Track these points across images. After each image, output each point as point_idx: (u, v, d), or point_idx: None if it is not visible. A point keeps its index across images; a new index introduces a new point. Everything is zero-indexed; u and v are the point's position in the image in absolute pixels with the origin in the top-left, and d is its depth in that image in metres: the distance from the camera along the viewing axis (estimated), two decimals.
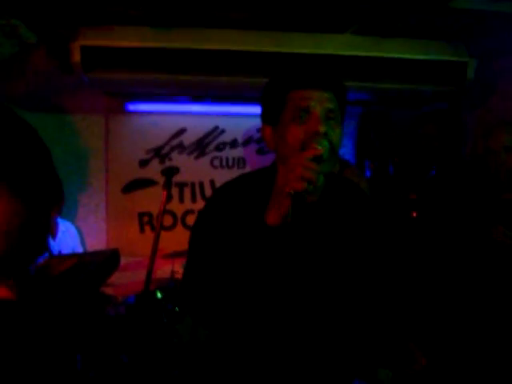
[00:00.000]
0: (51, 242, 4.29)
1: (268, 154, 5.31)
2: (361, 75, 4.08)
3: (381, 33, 3.99)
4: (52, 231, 4.38)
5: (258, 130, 5.08)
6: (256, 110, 2.07)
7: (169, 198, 5.27)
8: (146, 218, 5.33)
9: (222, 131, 5.42)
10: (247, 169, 5.38)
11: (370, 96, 4.63)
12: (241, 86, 4.10)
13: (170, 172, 3.94)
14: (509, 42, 3.88)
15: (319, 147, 1.70)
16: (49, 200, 1.13)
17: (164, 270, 4.74)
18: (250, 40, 3.92)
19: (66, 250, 4.31)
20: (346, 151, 5.46)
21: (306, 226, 1.90)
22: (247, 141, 5.43)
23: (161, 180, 5.04)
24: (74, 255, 3.42)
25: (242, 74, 3.95)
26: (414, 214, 4.26)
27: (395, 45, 4.06)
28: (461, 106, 4.67)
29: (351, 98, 4.99)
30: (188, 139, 5.37)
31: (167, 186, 3.84)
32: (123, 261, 4.77)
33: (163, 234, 5.24)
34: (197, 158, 5.40)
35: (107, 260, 3.17)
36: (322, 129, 1.79)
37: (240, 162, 5.47)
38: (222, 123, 5.40)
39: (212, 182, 5.40)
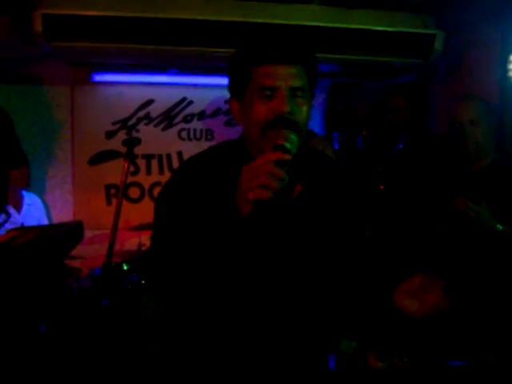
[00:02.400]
0: (16, 214, 4.23)
1: (236, 125, 5.25)
2: (328, 47, 4.05)
3: (348, 3, 3.96)
4: (17, 204, 4.32)
5: (226, 102, 5.03)
6: (224, 81, 1.98)
7: (136, 169, 5.30)
8: (112, 190, 5.28)
9: (190, 102, 5.37)
10: (215, 141, 5.34)
11: (338, 68, 4.61)
12: (207, 57, 4.05)
13: (131, 143, 3.89)
14: (477, 14, 3.88)
15: (287, 145, 1.60)
16: (4, 160, 1.10)
17: (131, 242, 4.72)
18: (217, 9, 3.87)
19: (31, 223, 4.25)
20: (315, 123, 5.43)
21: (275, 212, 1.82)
22: (215, 112, 5.39)
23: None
24: (37, 227, 3.38)
25: (209, 44, 3.91)
26: (381, 187, 4.27)
27: (363, 16, 4.04)
28: (428, 79, 4.66)
29: (320, 70, 4.96)
30: (155, 110, 5.32)
31: (129, 157, 3.78)
32: (90, 233, 4.78)
33: (130, 206, 5.25)
34: (164, 129, 5.35)
35: (70, 232, 3.14)
36: (286, 108, 1.70)
37: (208, 133, 5.44)
38: (189, 94, 5.35)
39: (179, 154, 5.36)
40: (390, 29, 4.03)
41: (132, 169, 5.20)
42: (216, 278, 1.69)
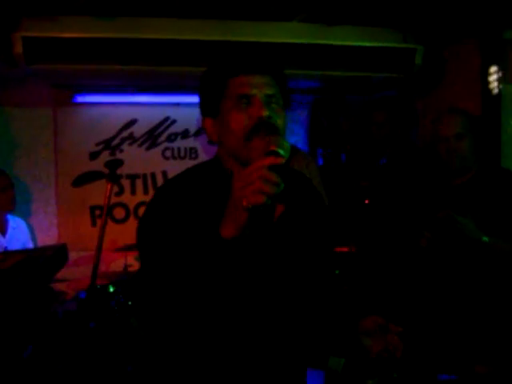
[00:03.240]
0: (1, 238, 4.20)
1: None
2: (310, 63, 4.07)
3: (329, 20, 3.98)
4: (2, 227, 4.29)
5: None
6: None
7: (120, 190, 5.28)
8: (97, 212, 5.25)
9: (173, 121, 5.37)
10: (199, 159, 5.34)
11: (319, 84, 4.63)
12: (189, 76, 4.03)
13: (113, 164, 3.87)
14: (456, 28, 3.91)
15: (280, 151, 1.56)
16: None
17: (117, 263, 4.69)
18: (198, 28, 3.88)
19: (16, 246, 4.23)
20: (298, 139, 5.45)
21: (264, 235, 1.83)
22: (199, 131, 5.37)
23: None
24: (21, 251, 3.35)
25: (190, 63, 3.91)
26: (367, 201, 4.27)
27: (343, 32, 4.06)
28: (411, 93, 4.69)
29: (301, 86, 4.98)
30: (139, 130, 5.31)
31: (111, 178, 3.76)
32: (75, 255, 4.75)
33: (115, 226, 5.22)
34: (148, 149, 5.34)
35: (55, 255, 3.11)
36: (265, 113, 1.73)
37: (192, 152, 5.43)
38: (172, 113, 5.34)
39: (164, 174, 5.35)
40: (370, 44, 4.06)
41: (116, 189, 5.20)
42: (204, 296, 1.66)
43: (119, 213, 5.30)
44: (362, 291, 3.90)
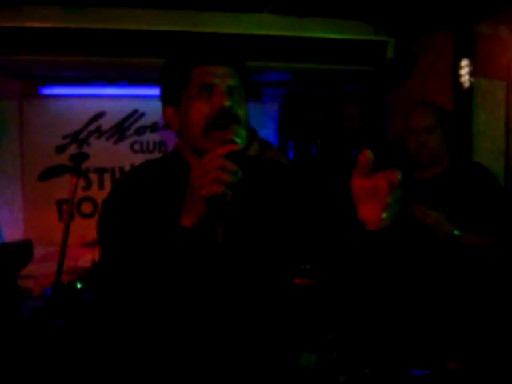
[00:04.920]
0: None
1: None
2: (280, 56, 4.03)
3: (300, 12, 3.94)
4: None
5: None
6: None
7: (88, 184, 5.19)
8: (65, 206, 5.14)
9: (142, 114, 5.29)
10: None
11: (290, 77, 4.60)
12: (158, 68, 3.97)
13: (78, 158, 3.79)
14: (428, 21, 3.89)
15: (237, 139, 1.63)
16: None
17: (85, 258, 4.61)
18: (166, 20, 3.81)
19: None
20: (269, 133, 5.41)
21: (224, 224, 1.82)
22: None
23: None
24: None
25: (159, 55, 3.83)
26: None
27: (314, 24, 4.02)
28: (381, 86, 4.67)
29: (272, 79, 4.95)
30: (106, 123, 5.22)
31: (76, 172, 3.68)
32: (42, 251, 4.67)
33: (83, 221, 5.14)
34: (116, 142, 5.26)
35: (18, 252, 3.04)
36: (227, 103, 1.74)
37: (161, 145, 5.36)
38: (141, 106, 5.27)
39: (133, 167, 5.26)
40: (341, 37, 4.03)
41: (84, 183, 5.13)
42: (165, 286, 1.65)
43: (87, 207, 5.21)
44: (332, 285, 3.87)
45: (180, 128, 1.86)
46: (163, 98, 1.92)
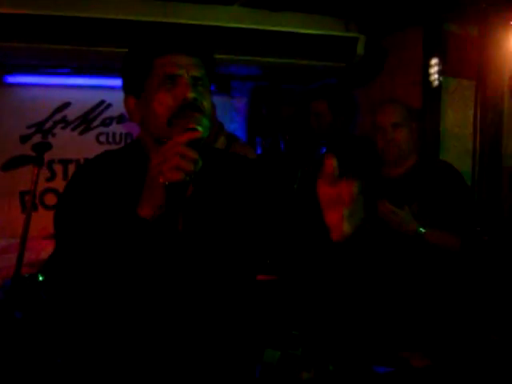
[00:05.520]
0: None
1: None
2: (250, 49, 4.00)
3: (270, 6, 3.91)
4: None
5: None
6: None
7: (52, 175, 5.10)
8: (28, 197, 5.05)
9: (109, 105, 5.20)
10: None
11: (260, 71, 4.57)
12: (120, 57, 3.92)
13: (40, 147, 3.70)
14: (398, 18, 3.89)
15: (199, 128, 1.57)
16: None
17: (48, 251, 4.52)
18: (135, 9, 3.75)
19: None
20: (237, 127, 5.37)
21: (186, 215, 1.78)
22: None
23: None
24: None
25: (127, 45, 3.77)
26: None
27: (285, 18, 4.00)
28: (351, 82, 4.66)
29: (241, 73, 4.91)
30: (72, 114, 5.11)
31: (38, 162, 3.60)
32: (4, 242, 4.57)
33: (46, 213, 5.05)
34: (82, 133, 5.15)
35: None
36: (190, 95, 1.70)
37: (128, 137, 5.27)
38: (107, 97, 5.16)
39: None
40: (311, 32, 4.01)
41: (48, 175, 5.03)
42: (122, 276, 1.61)
43: (50, 199, 5.10)
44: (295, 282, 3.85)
45: (142, 119, 1.81)
46: (125, 87, 1.87)
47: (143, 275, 1.64)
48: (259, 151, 5.28)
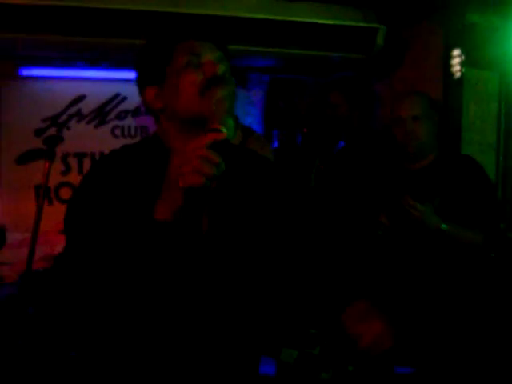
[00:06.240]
0: None
1: None
2: (267, 40, 3.94)
3: None
4: None
5: None
6: None
7: (67, 169, 5.07)
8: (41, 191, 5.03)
9: (124, 98, 5.16)
10: None
11: (277, 62, 4.50)
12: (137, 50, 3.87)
13: (52, 141, 3.65)
14: (419, 9, 3.82)
15: (223, 129, 1.49)
16: None
17: (63, 246, 4.49)
18: None
19: None
20: (254, 120, 5.31)
21: (210, 215, 1.74)
22: None
23: (60, 149, 4.80)
24: None
25: (142, 37, 3.71)
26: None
27: (303, 9, 3.93)
28: (370, 75, 4.58)
29: (258, 65, 4.85)
30: (87, 107, 5.08)
31: (49, 156, 3.55)
32: (19, 237, 4.55)
33: (62, 207, 4.99)
34: (97, 126, 5.12)
35: None
36: (220, 71, 1.66)
37: (143, 130, 5.22)
38: (123, 90, 5.12)
39: None
40: (330, 22, 3.94)
41: (63, 168, 5.01)
42: (135, 281, 1.56)
43: (66, 193, 5.07)
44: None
45: (165, 107, 1.75)
46: (142, 79, 1.82)
47: (160, 278, 1.59)
48: (276, 144, 5.21)
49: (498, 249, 3.15)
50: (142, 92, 1.83)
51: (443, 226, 3.02)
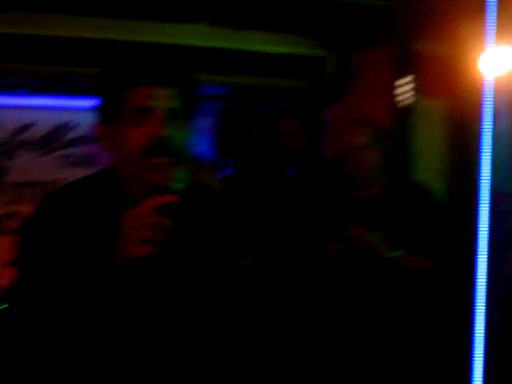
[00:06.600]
0: None
1: None
2: (217, 68, 3.93)
3: (238, 25, 3.85)
4: None
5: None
6: None
7: (12, 199, 4.96)
8: None
9: (73, 127, 5.10)
10: (101, 167, 5.08)
11: (228, 91, 4.49)
12: (89, 78, 3.81)
13: None
14: (368, 38, 3.85)
15: (173, 185, 1.47)
16: None
17: (8, 278, 4.37)
18: (98, 27, 3.67)
19: None
20: (204, 148, 5.28)
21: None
22: None
23: (5, 179, 4.70)
24: None
25: (90, 65, 3.67)
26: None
27: (253, 37, 3.96)
28: (320, 102, 4.60)
29: (209, 93, 4.83)
30: (34, 135, 5.01)
31: None
32: None
33: (9, 239, 4.88)
34: (44, 155, 5.05)
35: None
36: (163, 132, 1.55)
37: (93, 159, 5.15)
38: (72, 118, 5.08)
39: (61, 182, 5.05)
40: (280, 51, 3.96)
41: (10, 198, 4.91)
42: (86, 324, 1.49)
43: (13, 223, 4.96)
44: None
45: (114, 148, 1.67)
46: (97, 114, 1.71)
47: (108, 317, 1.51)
48: (227, 172, 5.18)
49: (449, 275, 3.16)
50: (95, 123, 1.72)
51: (393, 254, 3.01)
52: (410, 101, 3.76)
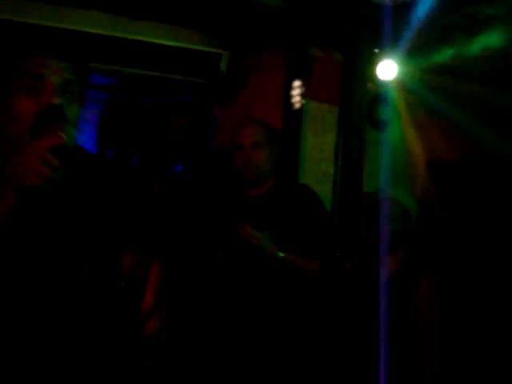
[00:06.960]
0: None
1: None
2: (105, 57, 3.83)
3: (131, 13, 3.75)
4: None
5: None
6: None
7: None
8: None
9: None
10: None
11: (115, 81, 4.37)
12: None
13: None
14: (263, 38, 3.86)
15: (63, 135, 1.50)
16: None
17: None
18: None
19: None
20: (88, 140, 5.11)
21: (34, 219, 1.64)
22: None
23: None
24: None
25: None
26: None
27: (145, 28, 3.87)
28: (211, 99, 4.57)
29: (95, 82, 4.69)
30: None
31: None
32: None
33: None
34: None
35: None
36: (56, 101, 1.57)
37: None
38: None
39: None
40: (173, 44, 3.89)
41: None
42: None
43: None
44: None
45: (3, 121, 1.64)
46: None
47: None
48: (111, 165, 5.04)
49: (335, 277, 3.21)
50: None
51: (279, 253, 3.02)
52: (301, 104, 3.79)
